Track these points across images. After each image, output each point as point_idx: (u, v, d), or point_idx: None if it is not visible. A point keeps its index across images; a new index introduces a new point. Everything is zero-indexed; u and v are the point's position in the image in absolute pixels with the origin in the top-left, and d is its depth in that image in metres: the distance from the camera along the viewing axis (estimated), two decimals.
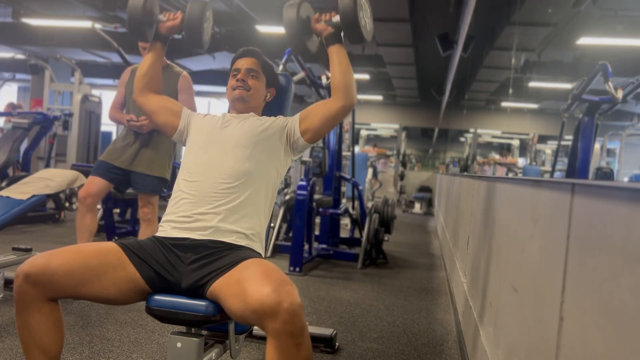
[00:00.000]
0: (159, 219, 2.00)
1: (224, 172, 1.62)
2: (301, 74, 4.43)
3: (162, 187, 2.98)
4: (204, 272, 1.43)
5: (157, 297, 1.43)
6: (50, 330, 1.38)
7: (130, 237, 1.60)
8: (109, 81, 13.68)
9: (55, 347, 1.40)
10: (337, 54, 1.76)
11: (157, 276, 1.45)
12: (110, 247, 1.46)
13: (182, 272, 1.46)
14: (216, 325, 1.48)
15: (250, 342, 2.41)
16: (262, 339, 2.39)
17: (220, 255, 1.48)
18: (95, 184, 2.86)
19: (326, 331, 2.43)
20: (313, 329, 2.43)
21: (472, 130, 12.88)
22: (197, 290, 1.43)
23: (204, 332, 1.52)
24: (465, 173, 9.59)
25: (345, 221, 6.76)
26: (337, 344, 2.46)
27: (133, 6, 1.82)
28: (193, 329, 1.46)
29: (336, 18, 1.76)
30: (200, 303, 1.40)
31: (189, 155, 1.73)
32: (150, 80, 1.87)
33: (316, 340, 2.37)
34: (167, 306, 1.41)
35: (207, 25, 1.91)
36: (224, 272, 1.40)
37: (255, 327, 2.06)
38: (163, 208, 1.91)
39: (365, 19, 1.78)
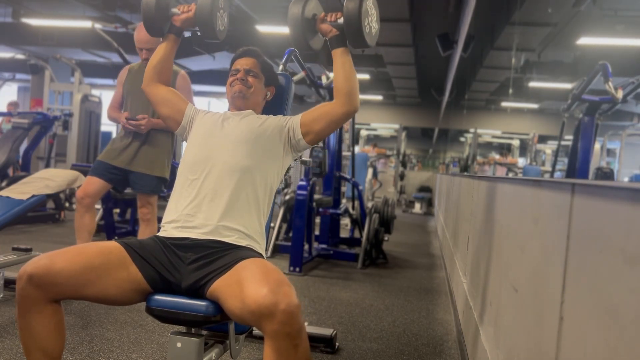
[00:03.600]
0: (159, 219, 2.00)
1: (224, 169, 1.62)
2: (301, 74, 4.42)
3: (161, 187, 2.97)
4: (204, 272, 1.43)
5: (157, 297, 1.43)
6: (52, 332, 1.38)
7: (132, 237, 1.59)
8: (109, 81, 13.68)
9: (56, 349, 1.40)
10: (341, 58, 1.73)
11: (158, 276, 1.45)
12: (112, 247, 1.46)
13: (182, 272, 1.46)
14: (216, 325, 1.48)
15: (250, 342, 2.41)
16: (262, 339, 2.38)
17: (219, 255, 1.48)
18: (93, 184, 2.85)
19: (326, 331, 2.43)
20: (313, 329, 2.43)
21: (472, 130, 12.88)
22: (197, 291, 1.43)
23: (204, 332, 1.52)
24: (465, 173, 9.59)
25: (345, 221, 6.75)
26: (337, 344, 2.46)
27: (147, 2, 1.81)
28: (193, 329, 1.46)
29: (342, 19, 1.71)
30: (200, 303, 1.40)
31: (189, 152, 1.73)
32: (160, 71, 1.87)
33: (316, 340, 2.37)
34: (167, 306, 1.41)
35: (222, 14, 1.87)
36: (223, 272, 1.40)
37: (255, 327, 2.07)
38: (162, 208, 1.91)
39: (371, 25, 1.73)
